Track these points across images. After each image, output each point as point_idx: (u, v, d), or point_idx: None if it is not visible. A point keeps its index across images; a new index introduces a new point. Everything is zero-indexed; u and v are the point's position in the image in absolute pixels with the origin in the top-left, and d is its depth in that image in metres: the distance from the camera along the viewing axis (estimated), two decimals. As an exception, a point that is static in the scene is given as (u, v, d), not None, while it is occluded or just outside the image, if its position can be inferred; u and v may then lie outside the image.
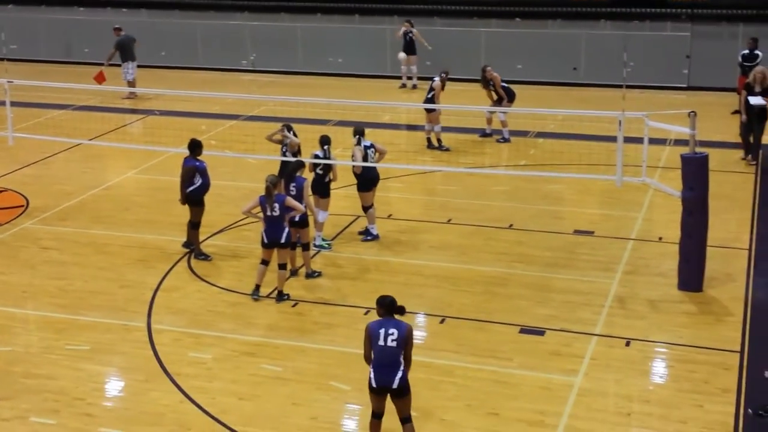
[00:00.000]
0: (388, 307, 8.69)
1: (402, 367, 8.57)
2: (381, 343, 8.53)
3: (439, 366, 10.70)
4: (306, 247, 13.08)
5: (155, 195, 16.84)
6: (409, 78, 24.60)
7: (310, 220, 13.28)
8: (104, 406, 10.16)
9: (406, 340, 8.56)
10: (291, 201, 12.31)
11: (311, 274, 13.07)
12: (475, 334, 11.45)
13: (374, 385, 8.58)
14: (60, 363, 10.94)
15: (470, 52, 24.40)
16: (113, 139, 20.12)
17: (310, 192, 13.45)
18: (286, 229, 12.27)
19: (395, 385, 8.56)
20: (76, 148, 19.23)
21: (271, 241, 12.24)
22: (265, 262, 12.40)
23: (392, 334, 8.53)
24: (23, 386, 10.42)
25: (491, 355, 10.95)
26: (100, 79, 22.68)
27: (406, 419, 8.77)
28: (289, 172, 12.95)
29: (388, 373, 8.54)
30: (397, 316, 8.71)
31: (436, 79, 18.65)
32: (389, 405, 8.78)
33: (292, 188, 12.79)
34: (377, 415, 8.83)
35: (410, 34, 24.25)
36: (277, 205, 12.13)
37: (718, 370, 10.50)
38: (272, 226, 12.21)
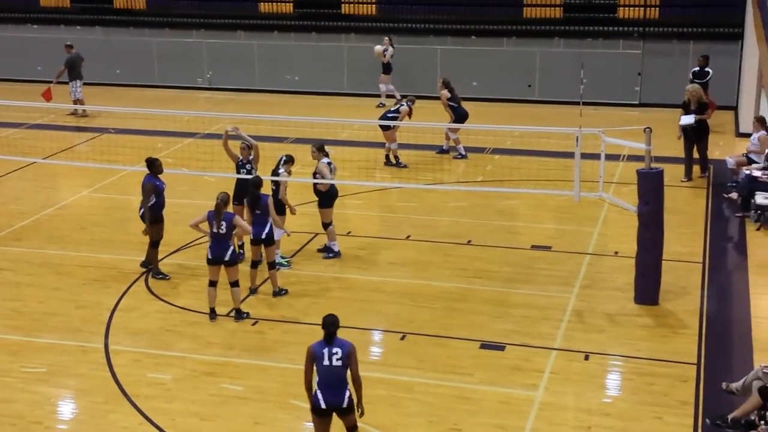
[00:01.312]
0: (330, 327, 8.57)
1: (348, 386, 8.57)
2: (326, 363, 8.48)
3: (399, 382, 10.71)
4: (272, 265, 13.02)
5: (111, 214, 16.66)
6: (390, 96, 24.39)
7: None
8: (61, 430, 10.01)
9: (350, 358, 8.54)
10: (239, 220, 12.25)
11: (278, 293, 13.00)
12: (435, 350, 11.49)
13: (323, 406, 8.53)
14: (15, 386, 10.75)
15: (426, 70, 24.56)
16: (67, 158, 19.90)
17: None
18: (231, 248, 12.20)
19: (345, 404, 8.57)
20: (30, 167, 18.98)
21: (215, 258, 12.16)
22: (213, 284, 12.30)
23: (336, 353, 8.49)
24: (-22, 410, 10.25)
25: (452, 370, 10.99)
26: (47, 96, 22.46)
27: (353, 428, 8.84)
28: (251, 192, 12.82)
29: (336, 393, 8.54)
30: (339, 336, 8.62)
31: (404, 105, 18.78)
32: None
33: (258, 207, 12.72)
34: None
35: (386, 51, 24.04)
36: (224, 223, 12.07)
37: (676, 383, 10.64)
38: (218, 244, 12.14)
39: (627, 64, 24.12)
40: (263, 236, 12.71)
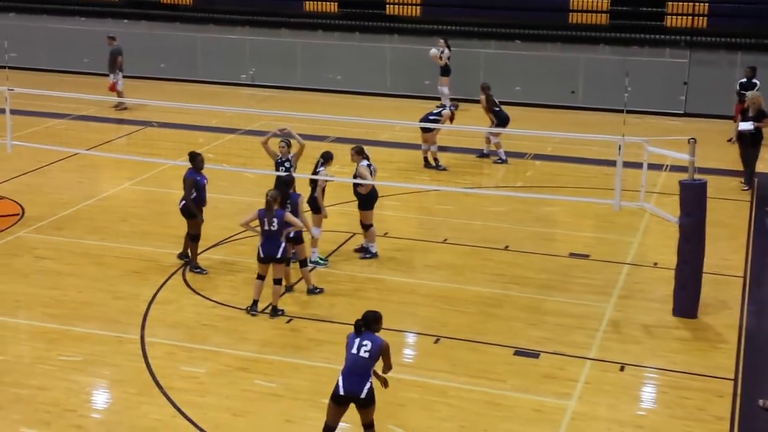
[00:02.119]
0: (366, 321, 8.93)
1: (371, 379, 8.72)
2: (354, 351, 8.76)
3: (432, 386, 10.68)
4: (304, 263, 13.07)
5: (151, 207, 16.82)
6: (436, 98, 23.87)
7: (306, 236, 13.28)
8: (95, 419, 10.10)
9: (379, 354, 8.75)
10: (290, 217, 12.31)
11: (312, 290, 13.04)
12: (469, 355, 11.44)
13: (341, 392, 8.71)
14: (52, 374, 10.88)
15: (469, 73, 24.45)
16: (110, 150, 20.12)
17: (306, 208, 13.47)
18: (283, 244, 12.27)
19: (363, 395, 8.68)
20: (73, 157, 19.22)
21: (267, 256, 12.24)
22: (261, 277, 12.38)
23: (366, 345, 8.76)
24: (14, 396, 10.37)
25: (485, 376, 10.93)
26: (113, 89, 23.36)
27: (369, 425, 8.93)
28: (281, 190, 12.88)
29: (357, 382, 8.69)
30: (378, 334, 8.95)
31: (447, 108, 18.73)
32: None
33: (288, 206, 12.78)
34: (330, 429, 8.94)
35: (442, 53, 23.61)
36: (275, 220, 12.14)
37: (712, 398, 10.50)
38: (269, 241, 12.21)
39: (673, 73, 23.86)
40: (291, 234, 12.75)
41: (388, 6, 26.31)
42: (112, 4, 28.66)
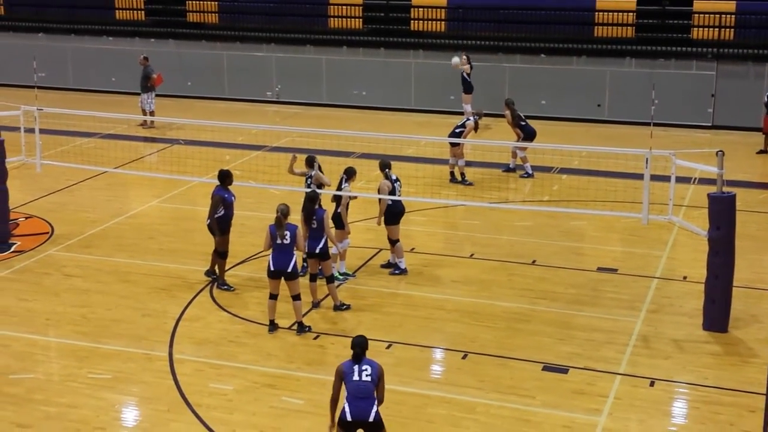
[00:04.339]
0: (357, 347, 8.75)
1: (376, 402, 8.66)
2: (356, 378, 8.64)
3: (460, 402, 10.63)
4: (330, 279, 13.06)
5: (179, 224, 16.90)
6: (460, 113, 23.67)
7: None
8: (124, 436, 10.15)
9: (380, 377, 8.70)
10: (300, 234, 12.27)
11: (339, 307, 13.02)
12: (497, 371, 11.38)
13: (349, 418, 8.61)
14: (81, 391, 10.94)
15: (494, 88, 24.44)
16: (138, 168, 20.27)
17: (331, 224, 13.47)
18: (294, 259, 12.24)
19: (371, 418, 8.60)
20: (101, 176, 19.38)
21: (277, 270, 12.19)
22: (273, 297, 12.36)
23: (366, 370, 8.68)
24: (44, 414, 10.43)
25: (514, 392, 10.87)
26: (158, 81, 24.10)
27: None
28: (306, 206, 12.89)
29: (365, 406, 8.60)
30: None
31: (470, 119, 18.70)
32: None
33: (313, 222, 12.79)
34: None
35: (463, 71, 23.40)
36: (288, 234, 12.13)
37: (744, 413, 10.37)
38: (281, 254, 12.17)
39: (700, 85, 23.71)
40: (317, 250, 12.75)
41: (412, 22, 26.38)
42: (139, 23, 28.95)
